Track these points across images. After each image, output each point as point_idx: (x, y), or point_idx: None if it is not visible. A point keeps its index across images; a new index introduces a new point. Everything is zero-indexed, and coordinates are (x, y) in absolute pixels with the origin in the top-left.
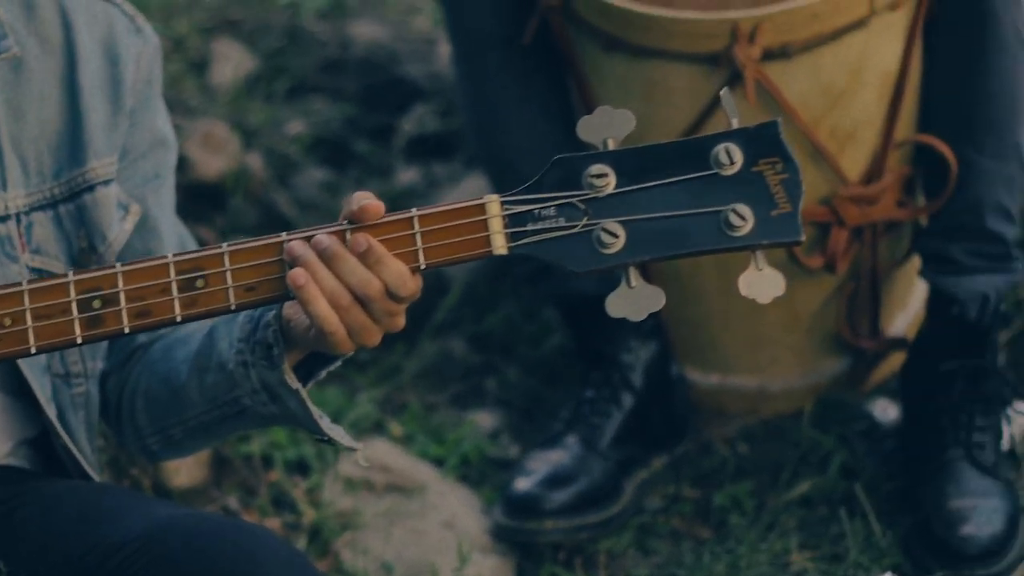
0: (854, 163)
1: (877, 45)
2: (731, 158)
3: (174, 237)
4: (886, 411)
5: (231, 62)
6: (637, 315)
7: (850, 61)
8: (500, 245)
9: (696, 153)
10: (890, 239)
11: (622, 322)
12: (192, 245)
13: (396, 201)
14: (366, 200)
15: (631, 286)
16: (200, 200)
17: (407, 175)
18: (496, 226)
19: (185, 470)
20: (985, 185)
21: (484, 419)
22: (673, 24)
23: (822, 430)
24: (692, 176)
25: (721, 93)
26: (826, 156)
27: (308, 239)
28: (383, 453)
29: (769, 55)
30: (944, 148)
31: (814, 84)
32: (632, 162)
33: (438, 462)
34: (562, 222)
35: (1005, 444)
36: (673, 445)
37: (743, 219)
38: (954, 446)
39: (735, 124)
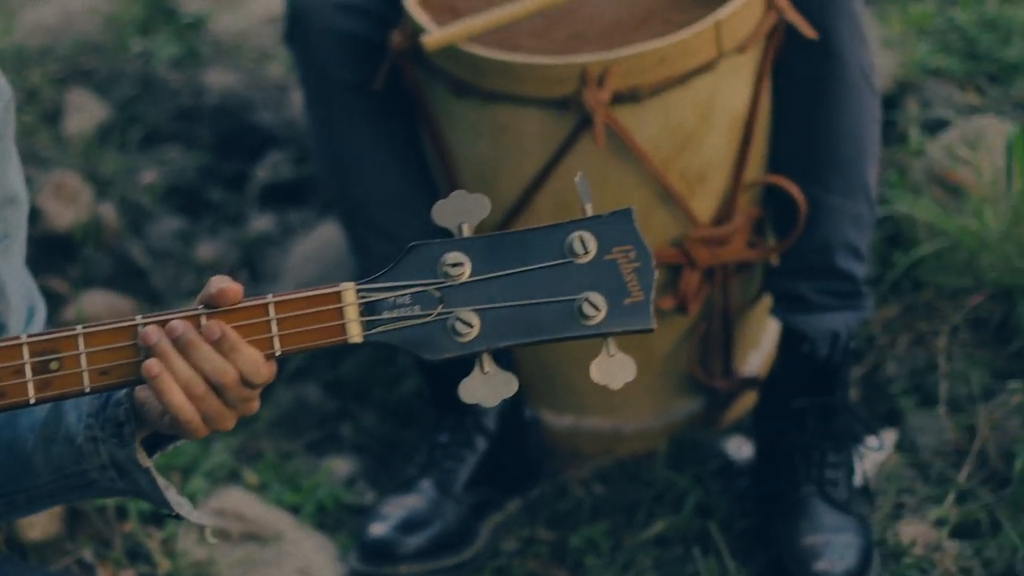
0: (704, 205)
1: (726, 87)
2: (585, 247)
3: (22, 301)
4: (740, 449)
5: (84, 112)
6: (490, 401)
7: (699, 104)
8: (355, 334)
9: (551, 241)
10: (741, 279)
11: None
12: (41, 304)
13: (251, 248)
14: (223, 284)
15: (484, 372)
16: (52, 251)
17: (261, 222)
18: (351, 314)
19: (39, 524)
20: (834, 224)
21: (340, 465)
22: (523, 69)
23: (677, 470)
24: (547, 265)
25: (576, 180)
26: (676, 198)
27: (163, 324)
28: (238, 502)
29: (619, 99)
30: (793, 188)
31: (664, 127)
32: (487, 250)
33: (294, 510)
34: (417, 310)
35: (858, 480)
36: (528, 487)
37: (596, 309)
38: (807, 483)
39: (589, 210)
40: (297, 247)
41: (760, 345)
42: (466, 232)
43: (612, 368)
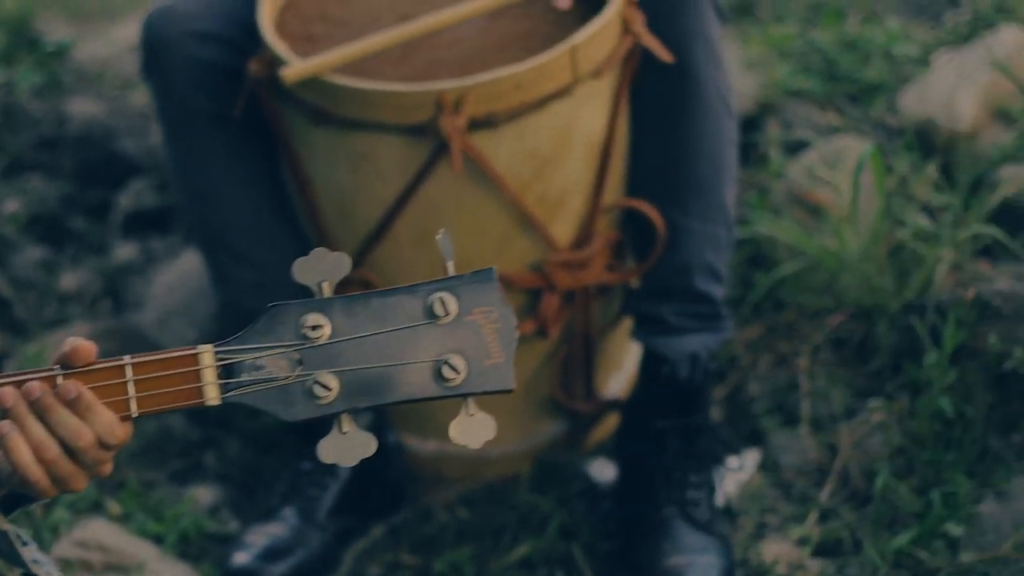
0: (563, 229)
1: (582, 112)
2: (446, 308)
3: None
4: (604, 471)
5: None
6: (348, 461)
7: (556, 128)
8: (213, 396)
9: (412, 302)
10: (602, 302)
11: None
12: None
13: (114, 277)
14: (76, 343)
15: (343, 432)
16: None
17: (125, 251)
18: (209, 376)
19: None
20: (693, 246)
21: (203, 494)
22: (379, 96)
23: (540, 492)
24: (407, 326)
25: (438, 237)
26: (535, 223)
27: (20, 384)
28: (101, 532)
29: (475, 125)
30: (651, 211)
31: (521, 152)
32: (348, 311)
33: (157, 539)
34: (275, 373)
35: (719, 500)
36: (392, 513)
37: (456, 371)
38: (668, 504)
39: (451, 268)
40: (160, 276)
41: (623, 367)
42: (326, 291)
43: (472, 428)
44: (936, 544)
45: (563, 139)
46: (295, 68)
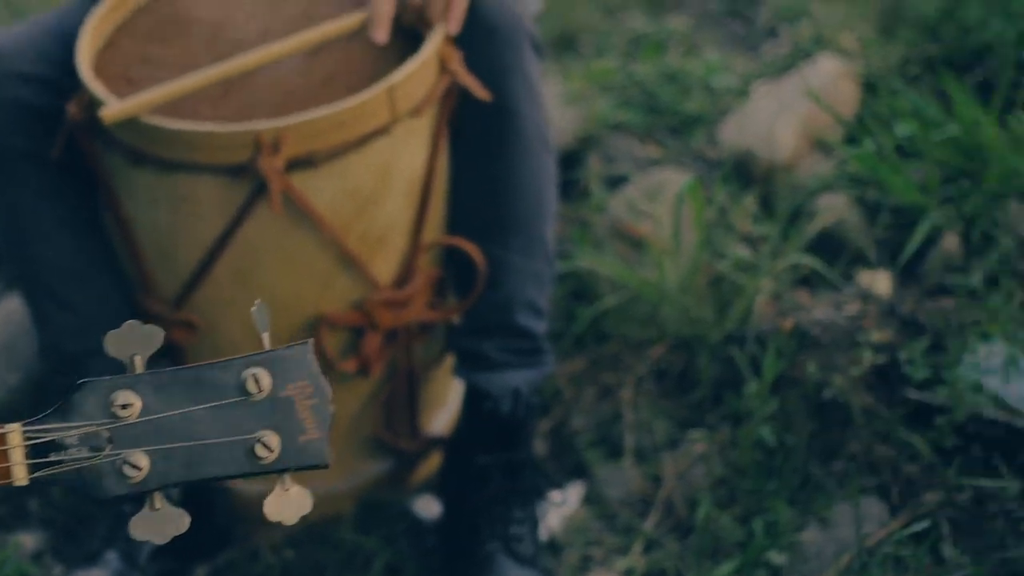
0: (385, 267)
1: (402, 150)
2: (259, 385)
3: None
4: (429, 508)
5: None
6: (160, 539)
7: (377, 167)
8: (20, 477)
9: (225, 378)
10: (424, 340)
11: None
12: None
13: None
14: None
15: (155, 509)
16: None
17: None
18: (16, 456)
19: None
20: (514, 282)
21: (27, 540)
22: (196, 137)
23: (365, 531)
24: (220, 403)
25: (252, 310)
26: (356, 262)
27: None
28: None
29: (295, 164)
30: (471, 248)
31: (342, 191)
32: (159, 387)
33: None
34: (85, 452)
35: (543, 534)
36: (216, 554)
37: (269, 449)
38: (492, 539)
39: (266, 340)
40: None
41: (447, 404)
42: (138, 365)
43: (287, 504)
44: (759, 573)
45: (383, 177)
46: (113, 109)
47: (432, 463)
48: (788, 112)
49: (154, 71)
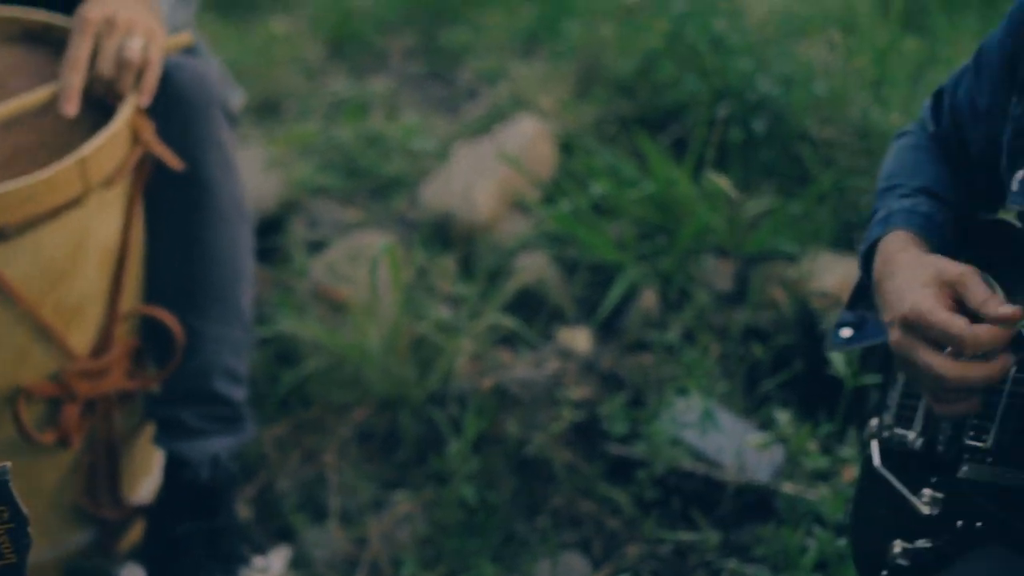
0: (82, 337)
1: (96, 221)
2: None
3: None
4: (134, 575)
5: None
6: None
7: (71, 238)
8: None
9: None
10: (124, 409)
11: None
12: None
13: None
14: None
15: None
16: None
17: None
18: None
19: None
20: (212, 350)
21: None
22: None
23: None
24: None
25: None
26: (52, 333)
27: None
28: None
29: None
30: (168, 318)
31: (36, 263)
32: None
33: None
34: None
35: None
36: None
37: None
38: None
39: None
40: None
41: (152, 472)
42: None
43: None
44: None
45: (77, 249)
46: None
47: (137, 531)
48: (486, 174)
49: None
